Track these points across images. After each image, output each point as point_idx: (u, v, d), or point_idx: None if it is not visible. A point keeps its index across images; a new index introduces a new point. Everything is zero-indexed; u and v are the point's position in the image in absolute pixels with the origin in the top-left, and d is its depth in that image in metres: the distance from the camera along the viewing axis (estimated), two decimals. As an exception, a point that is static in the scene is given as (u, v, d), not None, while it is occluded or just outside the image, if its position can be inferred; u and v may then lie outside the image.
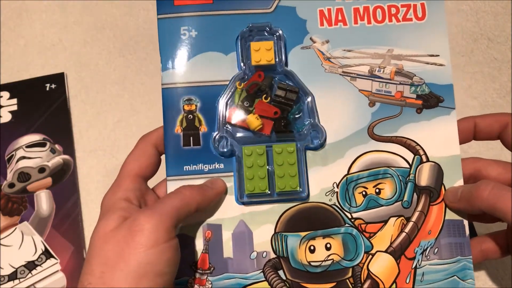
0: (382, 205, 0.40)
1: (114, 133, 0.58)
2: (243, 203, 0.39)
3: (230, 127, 0.40)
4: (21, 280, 0.52)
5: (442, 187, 0.40)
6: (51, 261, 0.52)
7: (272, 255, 0.39)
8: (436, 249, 0.39)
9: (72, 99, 0.59)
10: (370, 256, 0.39)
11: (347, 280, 0.39)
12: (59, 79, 0.59)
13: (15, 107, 0.58)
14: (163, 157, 0.40)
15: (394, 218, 0.40)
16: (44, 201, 0.55)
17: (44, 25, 0.62)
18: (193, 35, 0.41)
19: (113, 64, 0.60)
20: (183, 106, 0.40)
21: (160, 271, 0.34)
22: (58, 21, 0.62)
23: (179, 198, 0.36)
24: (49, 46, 0.61)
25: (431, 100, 0.41)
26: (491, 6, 0.61)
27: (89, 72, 0.60)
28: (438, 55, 0.41)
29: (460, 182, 0.40)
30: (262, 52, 0.40)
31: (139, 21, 0.61)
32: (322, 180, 0.40)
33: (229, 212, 0.40)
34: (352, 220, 0.40)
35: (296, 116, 0.40)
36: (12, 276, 0.52)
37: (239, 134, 0.40)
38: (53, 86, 0.59)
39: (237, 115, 0.40)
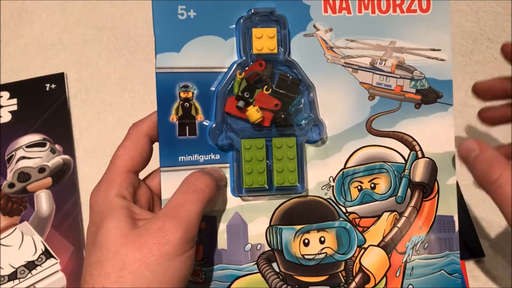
0: (376, 200, 0.40)
1: (114, 133, 0.57)
2: (240, 197, 0.39)
3: (228, 118, 0.38)
4: (21, 280, 0.51)
5: (436, 183, 0.41)
6: (51, 261, 0.52)
7: (267, 248, 0.39)
8: (426, 244, 0.40)
9: (72, 99, 0.58)
10: (363, 250, 0.40)
11: (339, 273, 0.40)
12: (59, 79, 0.58)
13: (15, 107, 0.57)
14: (155, 145, 0.39)
15: (388, 213, 0.40)
16: (44, 201, 0.53)
17: (44, 25, 0.60)
18: (191, 15, 0.38)
19: (113, 64, 0.59)
20: (179, 93, 0.38)
21: (185, 276, 0.34)
22: (58, 21, 0.60)
23: (201, 200, 0.35)
24: (49, 46, 0.60)
25: (430, 95, 0.41)
26: (491, 6, 0.61)
27: (89, 72, 0.59)
28: (440, 50, 0.41)
29: (453, 179, 0.41)
30: (265, 40, 0.38)
31: (139, 21, 0.60)
32: (318, 174, 0.39)
33: (224, 204, 0.39)
34: (347, 214, 0.40)
35: (297, 108, 0.39)
36: (12, 276, 0.51)
37: (237, 126, 0.38)
38: (53, 86, 0.57)
39: (237, 106, 0.38)
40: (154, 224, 0.34)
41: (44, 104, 0.57)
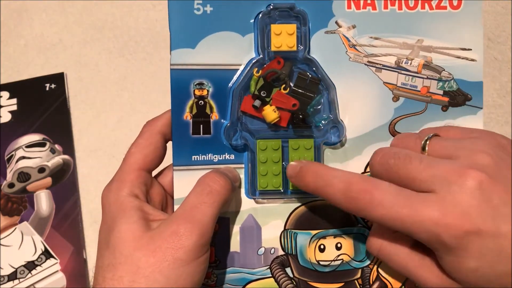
0: (397, 206, 0.38)
1: (114, 133, 0.56)
2: (254, 199, 0.38)
3: (243, 117, 0.37)
4: (21, 280, 0.51)
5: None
6: (51, 261, 0.51)
7: (280, 252, 0.38)
8: (449, 254, 0.38)
9: (72, 99, 0.58)
10: (381, 258, 0.38)
11: (356, 281, 0.38)
12: (59, 79, 0.58)
13: (15, 107, 0.57)
14: (169, 144, 0.38)
15: (409, 220, 0.38)
16: (44, 201, 0.53)
17: (44, 25, 0.60)
18: (208, 11, 0.37)
19: (113, 64, 0.58)
20: (194, 90, 0.37)
21: (198, 280, 0.33)
22: (58, 21, 0.60)
23: (216, 202, 0.34)
24: (49, 46, 0.59)
25: (458, 97, 0.38)
26: (491, 6, 0.58)
27: (89, 72, 0.58)
28: (471, 49, 0.38)
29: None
30: (284, 37, 0.36)
31: (139, 21, 0.60)
32: (337, 178, 0.38)
33: (238, 205, 0.38)
34: (366, 220, 0.38)
35: (315, 108, 0.37)
36: (12, 276, 0.51)
37: (253, 126, 0.37)
38: (53, 86, 0.57)
39: (253, 105, 0.37)
40: (168, 227, 0.33)
41: (44, 104, 0.57)
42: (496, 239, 0.29)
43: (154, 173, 0.39)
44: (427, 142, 0.33)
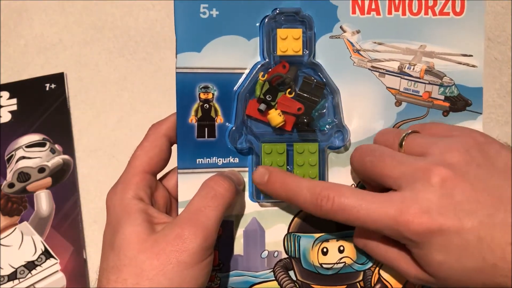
0: (399, 210, 0.39)
1: (114, 133, 0.56)
2: (258, 202, 0.38)
3: (248, 121, 0.37)
4: (21, 280, 0.50)
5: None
6: (50, 261, 0.51)
7: (284, 255, 0.38)
8: (449, 257, 0.39)
9: (72, 99, 0.57)
10: (383, 261, 0.39)
11: (358, 284, 0.39)
12: (59, 79, 0.57)
13: (15, 107, 0.56)
14: (174, 147, 0.38)
15: (410, 224, 0.39)
16: (44, 201, 0.53)
17: (44, 25, 0.59)
18: (213, 14, 0.37)
19: (113, 64, 0.58)
20: (199, 94, 0.37)
21: (202, 283, 0.33)
22: (58, 21, 0.59)
23: (220, 205, 0.34)
24: (49, 46, 0.59)
25: (459, 103, 0.39)
26: (491, 6, 0.59)
27: (89, 72, 0.58)
28: (472, 55, 0.39)
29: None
30: (290, 41, 0.36)
31: (139, 21, 0.59)
32: (341, 182, 0.38)
33: (242, 209, 0.38)
34: (368, 223, 0.39)
35: (320, 113, 0.38)
36: (12, 276, 0.50)
37: (258, 129, 0.37)
38: (53, 86, 0.57)
39: (258, 109, 0.37)
40: (173, 230, 0.33)
41: (44, 104, 0.56)
42: (461, 235, 0.29)
43: (159, 176, 0.39)
44: (404, 139, 0.34)
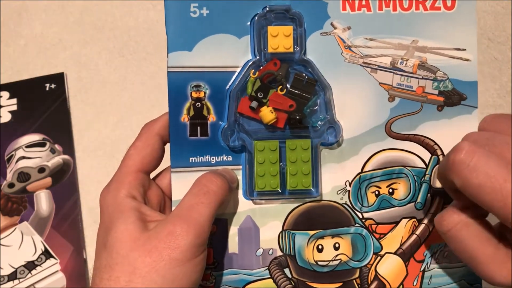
0: (394, 206, 0.39)
1: (114, 133, 0.57)
2: (252, 200, 0.38)
3: (241, 119, 0.37)
4: (21, 280, 0.51)
5: (457, 189, 0.39)
6: (50, 261, 0.52)
7: (279, 253, 0.38)
8: (446, 253, 0.38)
9: (72, 99, 0.58)
10: (379, 257, 0.38)
11: (354, 281, 0.38)
12: (59, 79, 0.58)
13: (15, 107, 0.57)
14: (167, 146, 0.38)
15: (406, 220, 0.39)
16: (43, 201, 0.53)
17: (44, 25, 0.60)
18: (204, 13, 0.37)
19: (113, 64, 0.59)
20: (191, 93, 0.37)
21: (195, 281, 0.33)
22: (58, 21, 0.60)
23: (213, 202, 0.34)
24: (49, 46, 0.60)
25: (454, 97, 0.39)
26: (491, 6, 0.59)
27: (89, 72, 0.59)
28: (465, 49, 0.39)
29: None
30: (280, 38, 0.36)
31: (139, 21, 0.60)
32: (334, 178, 0.38)
33: (236, 206, 0.38)
34: (363, 220, 0.38)
35: (312, 109, 0.38)
36: (12, 276, 0.51)
37: (250, 127, 0.37)
38: (53, 86, 0.57)
39: (250, 106, 0.37)
40: (165, 227, 0.33)
41: (44, 104, 0.57)
42: None
43: (152, 175, 0.39)
44: None
